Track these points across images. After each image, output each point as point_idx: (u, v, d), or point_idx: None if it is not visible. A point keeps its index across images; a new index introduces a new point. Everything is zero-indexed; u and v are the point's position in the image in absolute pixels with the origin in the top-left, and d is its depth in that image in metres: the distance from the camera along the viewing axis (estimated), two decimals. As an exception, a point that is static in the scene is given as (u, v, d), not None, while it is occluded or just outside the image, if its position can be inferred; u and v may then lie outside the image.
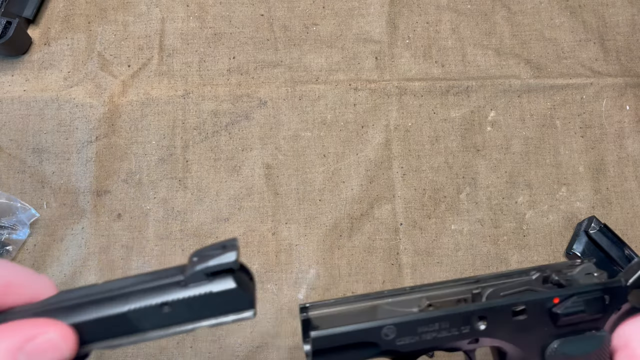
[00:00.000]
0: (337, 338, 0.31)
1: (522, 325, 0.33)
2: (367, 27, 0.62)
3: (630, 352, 0.34)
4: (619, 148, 0.61)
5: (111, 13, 0.61)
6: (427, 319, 0.32)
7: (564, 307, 0.33)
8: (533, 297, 0.33)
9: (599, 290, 0.34)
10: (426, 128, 0.60)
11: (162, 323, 0.28)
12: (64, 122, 0.58)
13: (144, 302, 0.27)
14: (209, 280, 0.27)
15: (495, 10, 0.64)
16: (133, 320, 0.28)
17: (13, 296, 0.28)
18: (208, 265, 0.27)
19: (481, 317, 0.33)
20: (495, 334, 0.33)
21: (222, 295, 0.27)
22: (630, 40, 0.64)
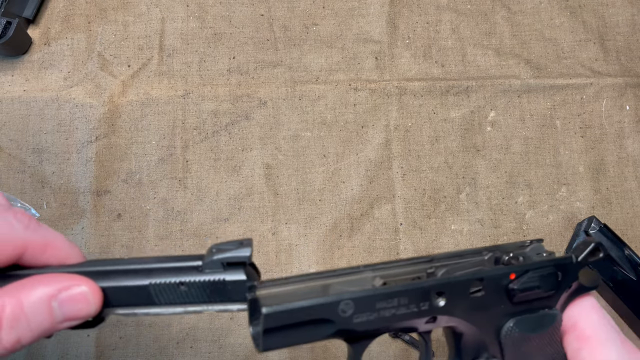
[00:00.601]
0: (291, 314, 0.30)
1: (479, 302, 0.33)
2: (367, 27, 0.62)
3: (579, 333, 0.35)
4: (618, 148, 0.61)
5: (111, 13, 0.61)
6: (387, 294, 0.31)
7: (520, 282, 0.33)
8: (490, 272, 0.33)
9: (552, 266, 0.35)
10: (426, 128, 0.60)
11: (177, 300, 0.31)
12: (64, 122, 0.58)
13: (164, 278, 0.30)
14: (223, 269, 0.31)
15: (495, 10, 0.64)
16: (152, 293, 0.31)
17: (49, 255, 0.31)
18: (225, 256, 0.30)
19: (440, 293, 0.33)
20: (453, 312, 0.33)
21: (232, 284, 0.30)
22: (630, 40, 0.64)
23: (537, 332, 0.34)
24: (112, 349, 0.54)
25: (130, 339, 0.54)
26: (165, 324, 0.54)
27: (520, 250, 0.36)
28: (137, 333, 0.54)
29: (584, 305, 0.36)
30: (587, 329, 0.34)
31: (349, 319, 0.31)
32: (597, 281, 0.36)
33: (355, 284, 0.33)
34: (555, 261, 0.35)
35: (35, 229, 0.31)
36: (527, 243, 0.36)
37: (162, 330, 0.54)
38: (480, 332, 0.34)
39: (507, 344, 0.34)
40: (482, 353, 0.34)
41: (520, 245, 0.36)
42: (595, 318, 0.35)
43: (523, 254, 0.35)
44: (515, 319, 0.34)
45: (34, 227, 0.31)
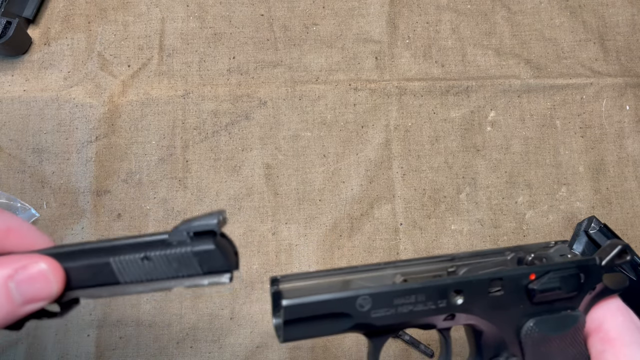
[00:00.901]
0: (310, 307, 0.30)
1: (498, 302, 0.33)
2: (367, 27, 0.62)
3: (603, 335, 0.34)
4: (618, 148, 0.61)
5: (111, 13, 0.61)
6: (404, 290, 0.31)
7: (540, 283, 0.33)
8: (510, 272, 0.33)
9: (574, 268, 0.34)
10: (426, 128, 0.60)
11: (142, 277, 0.29)
12: (63, 122, 0.58)
13: (127, 254, 0.29)
14: (191, 240, 0.29)
15: (495, 10, 0.64)
16: (115, 270, 0.29)
17: (12, 242, 0.30)
18: (191, 225, 0.29)
19: (458, 291, 0.32)
20: (471, 310, 0.33)
21: (200, 254, 0.29)
22: (630, 40, 0.64)
23: (558, 333, 0.34)
24: (112, 349, 0.54)
25: (130, 339, 0.54)
26: (165, 324, 0.54)
27: (543, 251, 0.36)
28: (137, 333, 0.54)
29: (609, 307, 0.35)
30: (612, 331, 0.34)
31: (366, 313, 0.31)
32: (623, 283, 0.35)
33: (376, 280, 0.33)
34: (578, 262, 0.34)
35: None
36: (551, 244, 0.36)
37: (162, 330, 0.54)
38: (500, 330, 0.34)
39: (527, 344, 0.34)
40: (502, 351, 0.34)
41: (545, 246, 0.36)
42: (620, 320, 0.34)
43: (546, 255, 0.35)
44: (536, 319, 0.34)
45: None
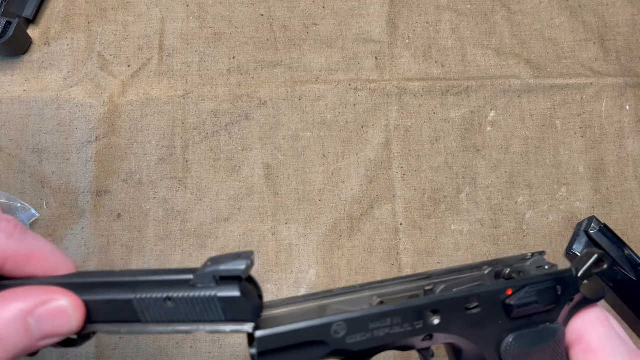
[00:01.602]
0: (285, 337, 0.29)
1: (476, 319, 0.32)
2: (367, 27, 0.62)
3: (584, 346, 0.34)
4: (619, 148, 0.61)
5: (111, 13, 0.61)
6: (379, 314, 0.31)
7: (517, 298, 0.32)
8: (486, 289, 0.33)
9: (550, 280, 0.33)
10: (426, 128, 0.60)
11: (163, 318, 0.28)
12: (63, 122, 0.58)
13: (150, 293, 0.28)
14: (216, 284, 0.28)
15: (495, 10, 0.64)
16: (137, 309, 0.28)
17: (34, 266, 0.29)
18: (218, 269, 0.28)
19: (434, 311, 0.32)
20: (449, 329, 0.32)
21: (225, 301, 0.28)
22: (630, 40, 0.64)
23: (538, 347, 0.33)
24: (112, 349, 0.54)
25: (130, 339, 0.54)
26: (165, 324, 0.54)
27: (521, 264, 0.35)
28: (137, 333, 0.54)
29: (590, 317, 0.35)
30: (594, 342, 0.34)
31: (342, 339, 0.30)
32: (601, 292, 0.35)
33: (353, 303, 0.32)
34: (555, 275, 0.34)
35: (19, 238, 0.29)
36: (528, 256, 0.36)
37: (162, 331, 0.54)
38: (479, 348, 0.33)
39: (508, 359, 0.34)
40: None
41: (522, 258, 0.36)
42: (602, 331, 0.34)
43: (523, 268, 0.35)
44: (515, 334, 0.33)
45: (19, 236, 0.29)
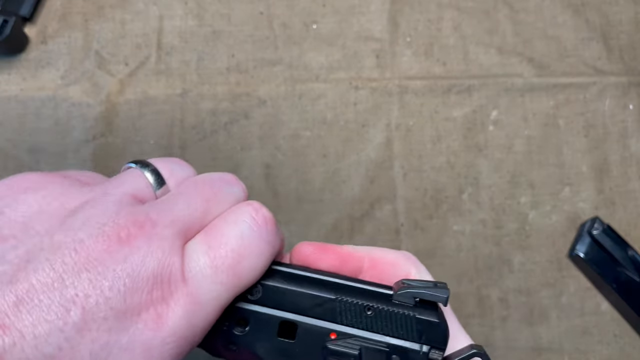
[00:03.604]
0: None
1: (287, 349, 0.28)
2: (367, 25, 0.62)
3: None
4: (622, 147, 0.60)
5: (108, 11, 0.61)
6: None
7: (336, 344, 0.28)
8: (309, 322, 0.28)
9: (384, 345, 0.28)
10: (428, 127, 0.60)
11: (359, 325, 0.29)
12: (60, 121, 0.58)
13: (352, 298, 0.28)
14: (415, 305, 0.29)
15: (498, 8, 0.63)
16: (337, 309, 0.28)
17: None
18: (422, 292, 0.28)
19: (242, 320, 0.28)
20: (254, 347, 0.28)
21: (423, 323, 0.28)
22: (634, 39, 0.63)
23: None
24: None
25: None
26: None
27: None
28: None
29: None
30: None
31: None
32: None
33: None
34: (395, 343, 0.29)
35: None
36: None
37: (160, 332, 0.54)
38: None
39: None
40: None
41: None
42: None
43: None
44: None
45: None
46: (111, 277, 0.23)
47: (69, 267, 0.22)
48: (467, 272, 0.57)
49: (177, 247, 0.25)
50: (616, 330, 0.57)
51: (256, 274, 0.27)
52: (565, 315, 0.57)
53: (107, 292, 0.22)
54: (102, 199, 0.25)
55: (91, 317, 0.22)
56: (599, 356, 0.56)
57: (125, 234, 0.24)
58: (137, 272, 0.23)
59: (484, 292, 0.57)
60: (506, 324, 0.57)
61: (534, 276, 0.57)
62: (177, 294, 0.24)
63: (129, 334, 0.23)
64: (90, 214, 0.24)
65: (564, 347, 0.56)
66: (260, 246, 0.27)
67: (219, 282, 0.25)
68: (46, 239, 0.23)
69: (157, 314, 0.23)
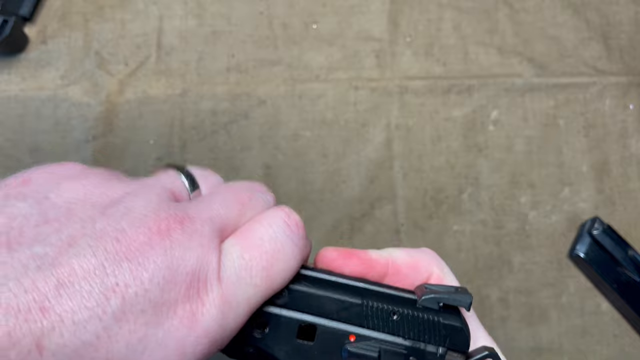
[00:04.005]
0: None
1: (306, 352, 0.28)
2: (367, 25, 0.62)
3: None
4: (622, 147, 0.60)
5: (108, 11, 0.61)
6: None
7: (356, 346, 0.29)
8: (328, 324, 0.29)
9: (403, 347, 0.29)
10: (428, 127, 0.60)
11: (385, 329, 0.29)
12: (60, 121, 0.58)
13: (378, 302, 0.29)
14: (439, 310, 0.29)
15: (498, 8, 0.63)
16: (363, 312, 0.29)
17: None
18: (446, 297, 0.29)
19: (262, 323, 0.28)
20: (274, 350, 0.28)
21: (447, 328, 0.29)
22: (634, 39, 0.63)
23: None
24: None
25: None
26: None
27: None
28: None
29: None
30: None
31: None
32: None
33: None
34: (412, 345, 0.29)
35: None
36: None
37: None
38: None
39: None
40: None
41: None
42: None
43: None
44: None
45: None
46: (152, 269, 0.22)
47: (111, 255, 0.22)
48: (467, 272, 0.57)
49: (214, 245, 0.25)
50: (616, 330, 0.57)
51: (287, 277, 0.27)
52: (565, 316, 0.57)
53: (147, 284, 0.22)
54: (143, 190, 0.25)
55: (130, 307, 0.22)
56: (599, 356, 0.56)
57: (166, 226, 0.24)
58: (177, 266, 0.23)
59: (484, 292, 0.57)
60: (506, 324, 0.57)
61: (534, 276, 0.57)
62: (212, 293, 0.24)
63: (164, 329, 0.22)
64: (132, 205, 0.24)
65: (564, 347, 0.56)
66: (292, 250, 0.27)
67: (252, 284, 0.25)
68: (89, 225, 0.23)
69: (192, 311, 0.23)
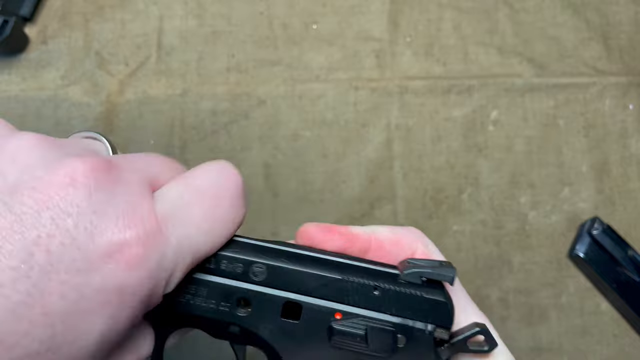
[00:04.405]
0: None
1: (291, 330, 0.28)
2: (367, 25, 0.62)
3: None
4: (622, 147, 0.60)
5: (109, 11, 0.61)
6: (195, 279, 0.27)
7: (341, 323, 0.28)
8: (313, 302, 0.28)
9: (390, 324, 0.28)
10: (428, 127, 0.60)
11: (366, 304, 0.28)
12: (61, 121, 0.58)
13: (359, 278, 0.28)
14: (421, 285, 0.28)
15: (498, 8, 0.63)
16: (343, 288, 0.28)
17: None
18: (429, 271, 0.28)
19: (245, 301, 0.28)
20: (258, 328, 0.28)
21: (430, 302, 0.28)
22: (634, 39, 0.63)
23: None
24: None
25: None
26: (164, 326, 0.54)
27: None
28: (135, 335, 0.53)
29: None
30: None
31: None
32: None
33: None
34: (401, 322, 0.28)
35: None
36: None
37: (160, 332, 0.54)
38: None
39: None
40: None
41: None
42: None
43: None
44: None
45: None
46: (75, 214, 0.21)
47: (28, 207, 0.21)
48: (467, 272, 0.57)
49: (145, 190, 0.24)
50: (616, 330, 0.57)
51: (230, 228, 0.26)
52: (565, 315, 0.57)
53: (73, 231, 0.21)
54: (64, 141, 0.25)
55: (58, 258, 0.21)
56: (599, 356, 0.56)
57: (90, 168, 0.22)
58: (105, 210, 0.22)
59: (484, 292, 0.57)
60: (506, 324, 0.57)
61: (534, 276, 0.57)
62: (151, 236, 0.22)
63: (101, 274, 0.21)
64: (50, 153, 0.23)
65: (563, 347, 0.56)
66: (232, 198, 0.26)
67: (194, 225, 0.24)
68: (0, 180, 0.22)
69: (132, 255, 0.22)
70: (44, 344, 0.20)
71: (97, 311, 0.21)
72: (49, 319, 0.20)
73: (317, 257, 0.29)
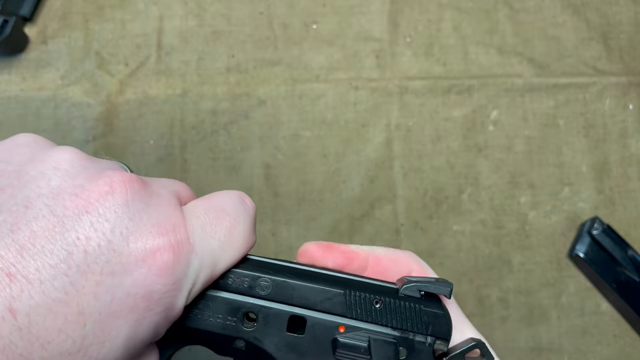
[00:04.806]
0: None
1: (296, 344, 0.29)
2: (367, 25, 0.62)
3: None
4: (622, 147, 0.60)
5: (108, 11, 0.61)
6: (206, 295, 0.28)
7: (345, 336, 0.29)
8: (319, 317, 0.29)
9: (391, 337, 0.29)
10: (428, 127, 0.60)
11: (368, 318, 0.29)
12: (61, 121, 0.58)
13: (362, 292, 0.29)
14: (420, 298, 0.30)
15: (498, 8, 0.63)
16: (346, 302, 0.29)
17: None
18: (427, 285, 0.29)
19: (251, 316, 0.28)
20: (264, 343, 0.28)
21: (429, 315, 0.29)
22: (634, 39, 0.63)
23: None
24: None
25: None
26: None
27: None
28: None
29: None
30: None
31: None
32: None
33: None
34: (401, 334, 0.29)
35: None
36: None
37: (160, 332, 0.54)
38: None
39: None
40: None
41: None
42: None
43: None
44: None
45: None
46: (113, 219, 0.23)
47: (70, 211, 0.22)
48: (467, 272, 0.57)
49: (175, 204, 0.26)
50: (616, 330, 0.57)
51: (245, 246, 0.28)
52: (565, 316, 0.57)
53: (109, 235, 0.23)
54: (98, 158, 0.27)
55: (94, 259, 0.22)
56: (599, 356, 0.56)
57: (129, 180, 0.24)
58: (140, 217, 0.24)
59: (483, 292, 0.57)
60: (506, 324, 0.57)
61: (534, 276, 0.57)
62: (181, 245, 0.24)
63: (132, 277, 0.23)
64: (90, 163, 0.25)
65: (563, 347, 0.56)
66: (249, 222, 0.28)
67: (217, 239, 0.26)
68: (43, 183, 0.23)
69: (163, 261, 0.23)
70: (76, 344, 0.22)
71: (125, 314, 0.23)
72: (82, 317, 0.22)
73: (320, 273, 0.30)
